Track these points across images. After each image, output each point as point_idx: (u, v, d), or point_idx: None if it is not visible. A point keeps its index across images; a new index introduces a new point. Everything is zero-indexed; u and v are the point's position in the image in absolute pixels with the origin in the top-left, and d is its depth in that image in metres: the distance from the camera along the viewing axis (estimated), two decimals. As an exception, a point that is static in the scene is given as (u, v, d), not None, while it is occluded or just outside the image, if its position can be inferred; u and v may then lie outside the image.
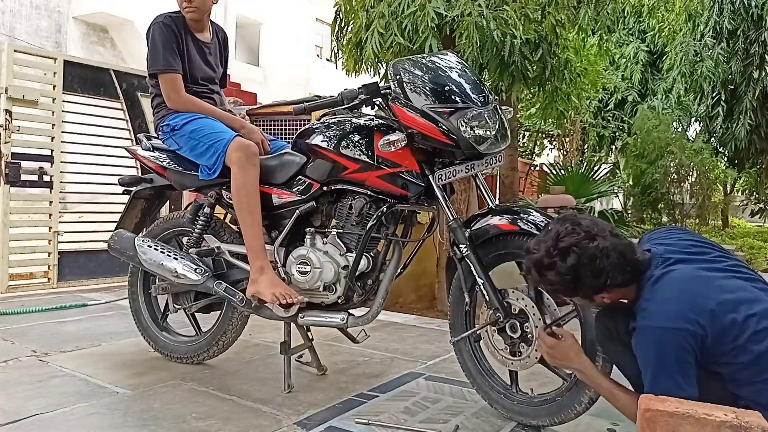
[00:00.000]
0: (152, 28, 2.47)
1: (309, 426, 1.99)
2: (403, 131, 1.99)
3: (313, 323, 2.31)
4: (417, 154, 2.04)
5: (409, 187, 2.07)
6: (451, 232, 2.01)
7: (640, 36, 10.30)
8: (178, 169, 2.55)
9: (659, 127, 7.37)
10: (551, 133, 11.58)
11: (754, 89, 7.45)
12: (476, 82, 2.05)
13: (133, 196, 2.73)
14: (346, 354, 2.93)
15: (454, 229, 2.00)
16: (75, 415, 2.06)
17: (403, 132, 1.98)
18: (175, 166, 2.56)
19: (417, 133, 1.96)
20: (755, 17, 7.45)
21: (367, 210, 2.18)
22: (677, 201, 7.46)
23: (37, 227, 4.54)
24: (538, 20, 4.59)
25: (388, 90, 2.06)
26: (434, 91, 1.96)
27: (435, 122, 1.92)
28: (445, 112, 1.91)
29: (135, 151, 2.74)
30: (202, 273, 2.42)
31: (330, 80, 13.75)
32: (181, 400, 2.23)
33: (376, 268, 2.23)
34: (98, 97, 4.85)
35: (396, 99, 2.00)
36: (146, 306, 2.81)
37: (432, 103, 1.93)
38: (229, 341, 2.62)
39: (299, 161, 2.32)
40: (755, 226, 10.51)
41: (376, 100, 2.10)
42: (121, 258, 2.62)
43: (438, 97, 1.95)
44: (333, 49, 5.28)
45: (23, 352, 2.81)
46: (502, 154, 2.10)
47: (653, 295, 1.49)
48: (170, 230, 2.70)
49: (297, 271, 2.22)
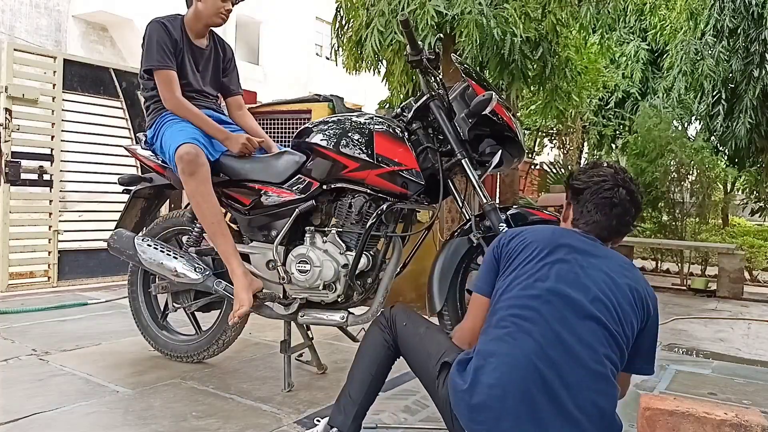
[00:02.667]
0: (149, 27, 2.46)
1: (309, 425, 1.99)
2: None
3: (312, 322, 2.31)
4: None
5: (409, 186, 2.08)
6: (486, 215, 2.03)
7: (641, 34, 10.28)
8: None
9: (659, 126, 7.36)
10: (551, 131, 11.57)
11: (755, 88, 7.44)
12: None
13: (132, 195, 2.73)
14: (346, 353, 2.93)
15: (489, 212, 2.02)
16: (75, 413, 2.06)
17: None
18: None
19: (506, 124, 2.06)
20: (756, 16, 7.44)
21: (367, 208, 2.18)
22: (677, 199, 7.45)
23: (37, 226, 4.54)
24: (539, 18, 4.58)
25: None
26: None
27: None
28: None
29: (134, 150, 2.73)
30: (201, 272, 2.42)
31: (330, 79, 13.76)
32: (181, 399, 2.23)
33: (376, 267, 2.23)
34: (98, 96, 4.84)
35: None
36: (146, 305, 2.81)
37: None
38: (229, 340, 2.62)
39: (299, 160, 2.32)
40: (755, 224, 10.49)
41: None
42: (121, 257, 2.62)
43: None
44: (333, 47, 5.27)
45: (23, 351, 2.81)
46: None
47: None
48: (170, 229, 2.70)
49: (297, 269, 2.22)
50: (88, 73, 4.77)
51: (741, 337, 3.87)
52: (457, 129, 2.09)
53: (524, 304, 1.40)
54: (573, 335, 1.36)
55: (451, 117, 2.11)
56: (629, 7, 9.44)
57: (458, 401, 1.40)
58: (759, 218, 9.86)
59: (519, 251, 1.51)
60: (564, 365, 1.33)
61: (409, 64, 2.13)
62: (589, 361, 1.34)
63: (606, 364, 1.37)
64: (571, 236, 1.53)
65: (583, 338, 1.36)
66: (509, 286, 1.46)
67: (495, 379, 1.34)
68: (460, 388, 1.40)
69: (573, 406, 1.31)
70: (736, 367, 3.05)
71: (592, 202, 1.55)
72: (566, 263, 1.45)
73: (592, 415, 1.32)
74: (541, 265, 1.45)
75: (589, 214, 1.55)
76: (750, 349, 3.52)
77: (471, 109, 2.04)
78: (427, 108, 2.13)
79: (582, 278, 1.42)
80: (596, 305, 1.39)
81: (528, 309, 1.39)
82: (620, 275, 1.47)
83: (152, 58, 2.42)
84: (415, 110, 2.15)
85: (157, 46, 2.41)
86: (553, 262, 1.45)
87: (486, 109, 2.00)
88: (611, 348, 1.39)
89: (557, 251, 1.47)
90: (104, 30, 14.08)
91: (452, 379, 1.44)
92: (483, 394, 1.34)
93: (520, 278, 1.45)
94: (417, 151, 2.13)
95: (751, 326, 4.26)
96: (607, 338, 1.38)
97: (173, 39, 2.46)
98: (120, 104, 4.95)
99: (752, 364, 3.12)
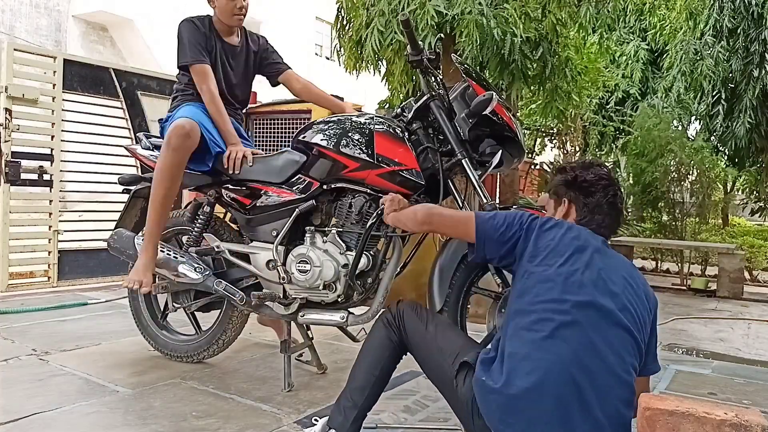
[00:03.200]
0: (180, 26, 2.50)
1: (308, 424, 1.99)
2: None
3: (312, 322, 2.31)
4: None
5: (409, 186, 2.08)
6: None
7: (641, 34, 10.28)
8: None
9: (659, 126, 7.36)
10: (551, 131, 11.56)
11: (754, 87, 7.43)
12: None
13: (132, 195, 2.73)
14: (346, 352, 2.93)
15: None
16: (75, 413, 2.06)
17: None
18: None
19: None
20: (755, 15, 7.44)
21: (367, 208, 2.18)
22: (677, 199, 7.46)
23: (37, 226, 4.54)
24: (539, 18, 4.59)
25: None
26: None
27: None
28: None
29: (135, 150, 2.73)
30: (202, 272, 2.42)
31: (330, 79, 13.74)
32: (181, 399, 2.23)
33: (376, 267, 2.23)
34: (98, 96, 4.84)
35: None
36: (146, 305, 2.81)
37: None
38: (229, 340, 2.62)
39: (299, 160, 2.32)
40: (755, 224, 10.50)
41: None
42: (121, 257, 2.62)
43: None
44: (334, 47, 5.27)
45: (23, 351, 2.81)
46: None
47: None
48: (170, 229, 2.70)
49: (297, 269, 2.22)
50: (88, 73, 4.77)
51: (741, 337, 3.87)
52: (457, 129, 2.08)
53: (562, 309, 1.40)
54: (605, 343, 1.37)
55: (451, 117, 2.11)
56: (629, 7, 9.45)
57: (488, 402, 1.40)
58: (759, 218, 9.85)
59: (551, 247, 1.49)
60: (597, 373, 1.35)
61: (409, 64, 2.13)
62: (618, 369, 1.37)
63: (631, 372, 1.40)
64: (593, 237, 1.53)
65: (614, 346, 1.38)
66: (541, 285, 1.45)
67: (531, 383, 1.34)
68: (491, 387, 1.39)
69: (600, 413, 1.33)
70: (736, 367, 3.05)
71: (606, 203, 1.56)
72: (595, 268, 1.46)
73: (615, 422, 1.36)
74: (574, 270, 1.45)
75: (602, 215, 1.57)
76: (750, 349, 3.52)
77: (471, 109, 2.04)
78: (427, 108, 2.13)
79: (610, 285, 1.44)
80: (625, 314, 1.41)
81: (565, 314, 1.39)
82: (633, 279, 1.49)
83: (186, 54, 2.47)
84: (416, 110, 2.15)
85: (189, 43, 2.46)
86: (585, 266, 1.45)
87: (486, 109, 2.00)
88: (636, 357, 1.42)
89: (586, 253, 1.48)
90: (104, 30, 14.07)
91: (478, 379, 1.44)
92: (518, 397, 1.35)
93: (555, 280, 1.44)
94: (417, 151, 2.13)
95: (751, 326, 4.26)
96: (633, 347, 1.41)
97: (205, 36, 2.50)
98: (120, 104, 4.95)
99: (752, 364, 3.12)
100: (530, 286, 1.47)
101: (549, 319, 1.39)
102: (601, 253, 1.50)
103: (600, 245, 1.52)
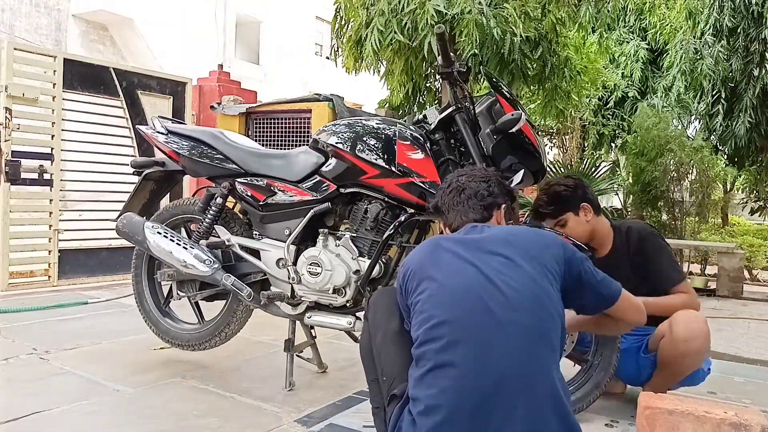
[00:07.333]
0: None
1: (309, 423, 2.00)
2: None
3: (319, 324, 2.30)
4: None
5: (428, 198, 2.05)
6: None
7: (641, 34, 10.26)
8: (193, 155, 2.48)
9: (659, 125, 7.36)
10: (551, 131, 11.57)
11: (754, 87, 7.43)
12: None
13: (143, 177, 2.68)
14: (347, 352, 2.93)
15: None
16: (76, 413, 2.06)
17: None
18: (190, 153, 2.49)
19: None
20: (755, 15, 7.43)
21: (383, 216, 2.16)
22: (677, 199, 7.45)
23: (38, 225, 4.54)
24: (538, 18, 4.58)
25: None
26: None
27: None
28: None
29: (150, 134, 2.65)
30: (210, 264, 2.37)
31: (330, 78, 13.74)
32: (182, 398, 2.23)
33: (388, 274, 2.22)
34: (98, 95, 4.84)
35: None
36: (149, 290, 2.77)
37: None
38: (232, 333, 2.58)
39: (317, 161, 2.29)
40: (755, 224, 10.50)
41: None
42: (129, 241, 2.56)
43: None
44: (333, 47, 5.27)
45: (24, 350, 2.81)
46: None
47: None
48: (179, 216, 2.66)
49: (307, 271, 2.21)
50: (88, 72, 4.78)
51: (741, 336, 3.87)
52: (480, 144, 2.06)
53: (436, 336, 1.33)
54: (499, 346, 1.28)
55: (475, 131, 2.08)
56: (628, 7, 9.45)
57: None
58: (758, 217, 9.85)
59: (414, 304, 1.45)
60: (505, 380, 1.26)
61: (439, 75, 2.12)
62: (530, 361, 1.29)
63: (551, 349, 1.33)
64: (449, 236, 1.54)
65: (512, 339, 1.29)
66: (417, 330, 1.38)
67: (436, 421, 1.23)
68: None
69: (531, 407, 1.25)
70: (735, 366, 3.05)
71: (446, 196, 1.62)
72: (452, 268, 1.39)
73: (552, 400, 1.30)
74: (427, 296, 1.40)
75: (450, 207, 1.61)
76: (750, 348, 3.52)
77: (498, 126, 2.02)
78: (451, 119, 2.10)
79: (476, 278, 1.35)
80: (507, 303, 1.31)
81: (439, 341, 1.32)
82: (513, 236, 1.43)
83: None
84: (440, 120, 2.12)
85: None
86: (437, 279, 1.40)
87: (514, 128, 1.99)
88: (550, 326, 1.34)
89: (434, 265, 1.43)
90: (104, 29, 14.06)
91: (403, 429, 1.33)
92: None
93: (421, 317, 1.40)
94: (438, 162, 2.11)
95: (751, 325, 4.26)
96: (538, 319, 1.33)
97: None
98: (120, 103, 4.95)
99: (752, 363, 3.12)
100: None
101: (426, 355, 1.29)
102: (464, 242, 1.42)
103: (463, 235, 1.46)
